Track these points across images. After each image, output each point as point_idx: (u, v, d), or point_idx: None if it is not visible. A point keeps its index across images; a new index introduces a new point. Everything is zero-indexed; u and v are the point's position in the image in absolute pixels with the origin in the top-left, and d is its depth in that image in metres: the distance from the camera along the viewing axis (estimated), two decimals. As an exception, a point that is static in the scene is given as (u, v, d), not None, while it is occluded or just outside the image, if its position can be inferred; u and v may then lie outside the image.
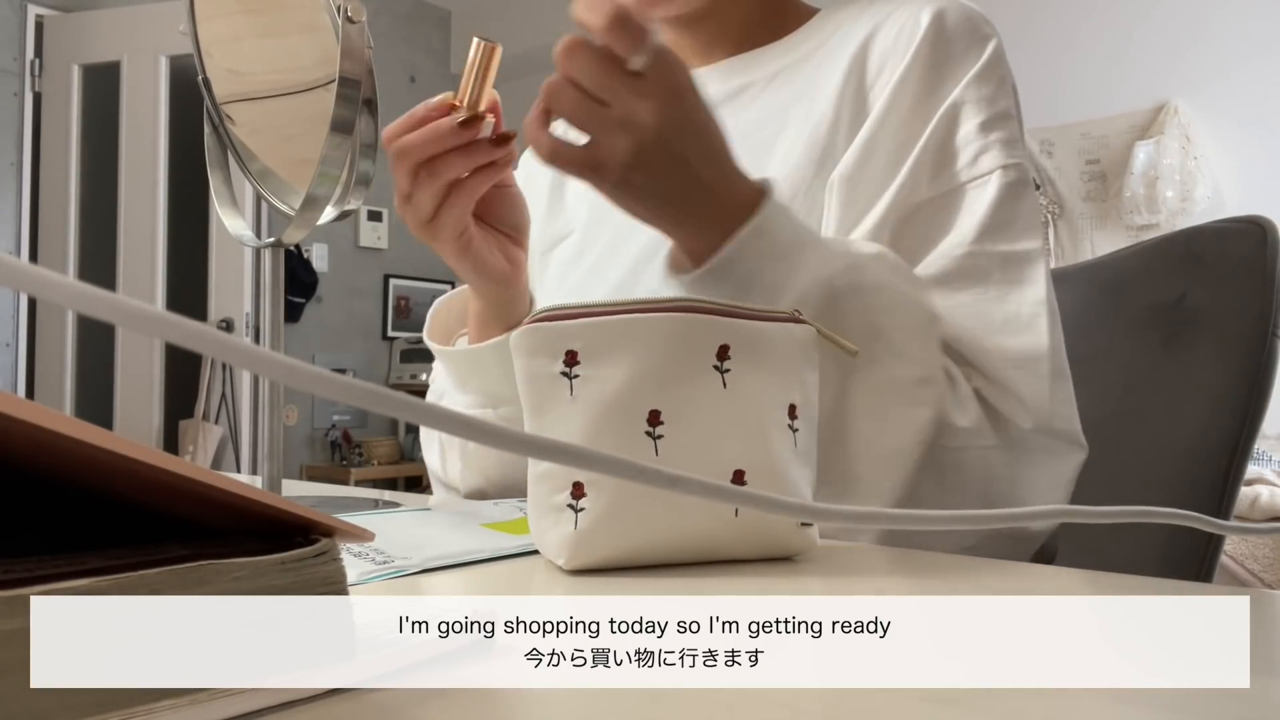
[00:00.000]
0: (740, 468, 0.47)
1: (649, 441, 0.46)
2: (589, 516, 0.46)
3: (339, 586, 0.27)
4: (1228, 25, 3.18)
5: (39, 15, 3.72)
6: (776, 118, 0.75)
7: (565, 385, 0.47)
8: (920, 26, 0.70)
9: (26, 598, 0.21)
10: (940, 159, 0.67)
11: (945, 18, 0.70)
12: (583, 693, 0.29)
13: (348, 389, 0.22)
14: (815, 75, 0.75)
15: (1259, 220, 0.79)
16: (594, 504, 0.46)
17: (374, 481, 4.39)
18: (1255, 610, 0.41)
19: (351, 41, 0.59)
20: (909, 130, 0.68)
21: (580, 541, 0.46)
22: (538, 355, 0.47)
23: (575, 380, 0.46)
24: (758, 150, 0.74)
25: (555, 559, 0.47)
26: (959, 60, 0.69)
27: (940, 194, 0.66)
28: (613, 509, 0.45)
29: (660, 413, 0.46)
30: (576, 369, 0.46)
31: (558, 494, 0.47)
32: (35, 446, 0.23)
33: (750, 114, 0.77)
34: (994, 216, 0.65)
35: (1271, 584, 2.26)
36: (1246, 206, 2.42)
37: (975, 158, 0.66)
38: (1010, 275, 0.64)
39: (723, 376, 0.47)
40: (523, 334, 0.48)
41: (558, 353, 0.47)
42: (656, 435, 0.46)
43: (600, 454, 0.27)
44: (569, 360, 0.47)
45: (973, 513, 0.37)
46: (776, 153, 0.73)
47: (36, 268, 0.18)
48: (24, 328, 3.67)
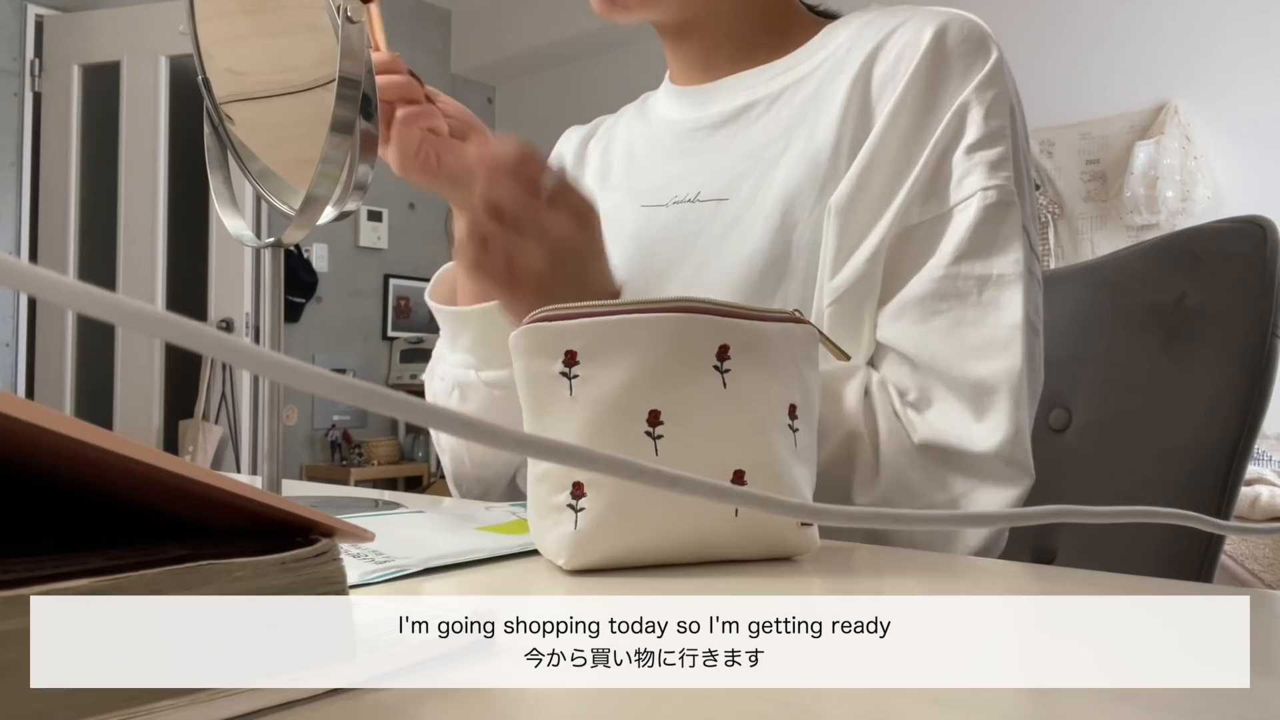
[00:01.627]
0: (740, 468, 0.47)
1: (649, 441, 0.46)
2: (589, 516, 0.45)
3: (339, 586, 0.27)
4: (1228, 25, 3.18)
5: (39, 15, 3.72)
6: (780, 138, 0.75)
7: (565, 385, 0.46)
8: (921, 46, 0.69)
9: (26, 598, 0.21)
10: (932, 184, 0.67)
11: (946, 35, 0.69)
12: (583, 693, 0.29)
13: (348, 389, 0.22)
14: (818, 94, 0.74)
15: (1259, 220, 0.79)
16: (594, 504, 0.46)
17: (374, 482, 4.39)
18: (1255, 610, 0.41)
19: (351, 41, 0.59)
20: (906, 154, 0.68)
21: (580, 541, 0.45)
22: (537, 355, 0.47)
23: (575, 380, 0.46)
24: (761, 170, 0.74)
25: (555, 559, 0.47)
26: (957, 80, 0.68)
27: (930, 219, 0.66)
28: (612, 509, 0.45)
29: (660, 413, 0.46)
30: (576, 369, 0.46)
31: (557, 494, 0.46)
32: (35, 446, 0.23)
33: (754, 133, 0.77)
34: (972, 239, 0.65)
35: (1271, 584, 2.26)
36: (1246, 206, 2.42)
37: (960, 180, 0.66)
38: (988, 298, 0.64)
39: (723, 376, 0.47)
40: (522, 334, 0.48)
41: (557, 353, 0.47)
42: (656, 435, 0.46)
43: (600, 454, 0.27)
44: (568, 360, 0.46)
45: (972, 513, 0.37)
46: (779, 172, 0.73)
47: (36, 268, 0.18)
48: (24, 328, 3.67)
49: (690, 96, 0.84)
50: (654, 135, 0.86)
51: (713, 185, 0.76)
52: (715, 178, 0.77)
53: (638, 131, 0.89)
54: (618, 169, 0.88)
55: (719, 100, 0.80)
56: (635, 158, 0.87)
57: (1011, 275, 0.64)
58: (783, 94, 0.77)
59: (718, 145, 0.79)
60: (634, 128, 0.90)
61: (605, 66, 4.73)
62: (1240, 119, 3.17)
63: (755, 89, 0.79)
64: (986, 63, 0.69)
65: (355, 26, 0.59)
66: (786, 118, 0.75)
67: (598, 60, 4.78)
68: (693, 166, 0.79)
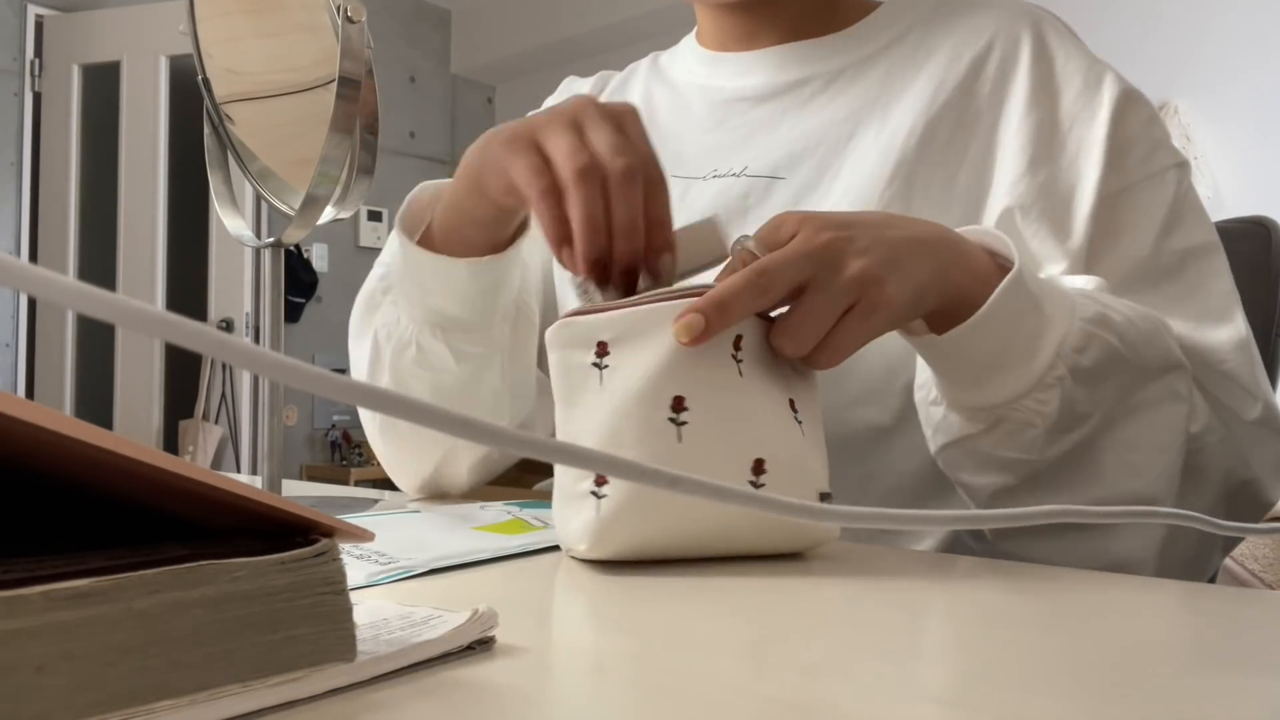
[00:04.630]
0: (761, 456, 0.47)
1: (672, 428, 0.46)
2: (611, 503, 0.46)
3: (339, 586, 0.27)
4: (1228, 26, 3.18)
5: (39, 15, 3.72)
6: (846, 121, 0.73)
7: (595, 375, 0.48)
8: (1023, 43, 0.70)
9: (26, 598, 0.21)
10: (1113, 155, 0.66)
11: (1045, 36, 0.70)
12: (583, 692, 0.29)
13: (348, 389, 0.22)
14: (887, 82, 0.73)
15: (1264, 221, 0.79)
16: (616, 490, 0.46)
17: (374, 481, 4.39)
18: (1255, 610, 0.41)
19: (351, 41, 0.59)
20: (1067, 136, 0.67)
21: (602, 528, 0.46)
22: (572, 347, 0.48)
23: (604, 370, 0.47)
24: (824, 152, 0.72)
25: (577, 545, 0.47)
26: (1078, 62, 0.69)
27: (1117, 190, 0.65)
28: (635, 496, 0.46)
29: (684, 399, 0.46)
30: (606, 359, 0.47)
31: (582, 480, 0.47)
32: (35, 446, 0.23)
33: (813, 114, 0.74)
34: (1172, 213, 0.64)
35: (1271, 584, 2.26)
36: (1246, 206, 2.42)
37: (1149, 154, 0.66)
38: (1195, 269, 0.64)
39: (738, 365, 0.47)
40: (558, 328, 0.49)
41: (590, 344, 0.48)
42: (680, 421, 0.46)
43: (596, 453, 0.27)
44: (600, 351, 0.48)
45: (972, 513, 0.37)
46: (848, 158, 0.71)
47: (36, 268, 0.18)
48: (24, 328, 3.67)
49: (726, 64, 0.81)
50: (682, 101, 0.83)
51: (761, 161, 0.74)
52: (765, 154, 0.74)
53: (659, 95, 0.85)
54: None
55: (761, 71, 0.78)
56: (658, 123, 0.82)
57: (1214, 244, 0.65)
58: (843, 74, 0.75)
59: (764, 120, 0.76)
60: (654, 90, 0.86)
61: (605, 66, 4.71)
62: (1240, 119, 3.17)
63: (808, 64, 0.76)
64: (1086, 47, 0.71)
65: (355, 26, 0.59)
66: (852, 101, 0.74)
67: (598, 60, 4.78)
68: (735, 139, 0.77)
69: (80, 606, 0.22)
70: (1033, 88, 0.69)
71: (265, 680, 0.25)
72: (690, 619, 0.39)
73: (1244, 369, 0.61)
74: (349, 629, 0.27)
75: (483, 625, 0.31)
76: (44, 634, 0.21)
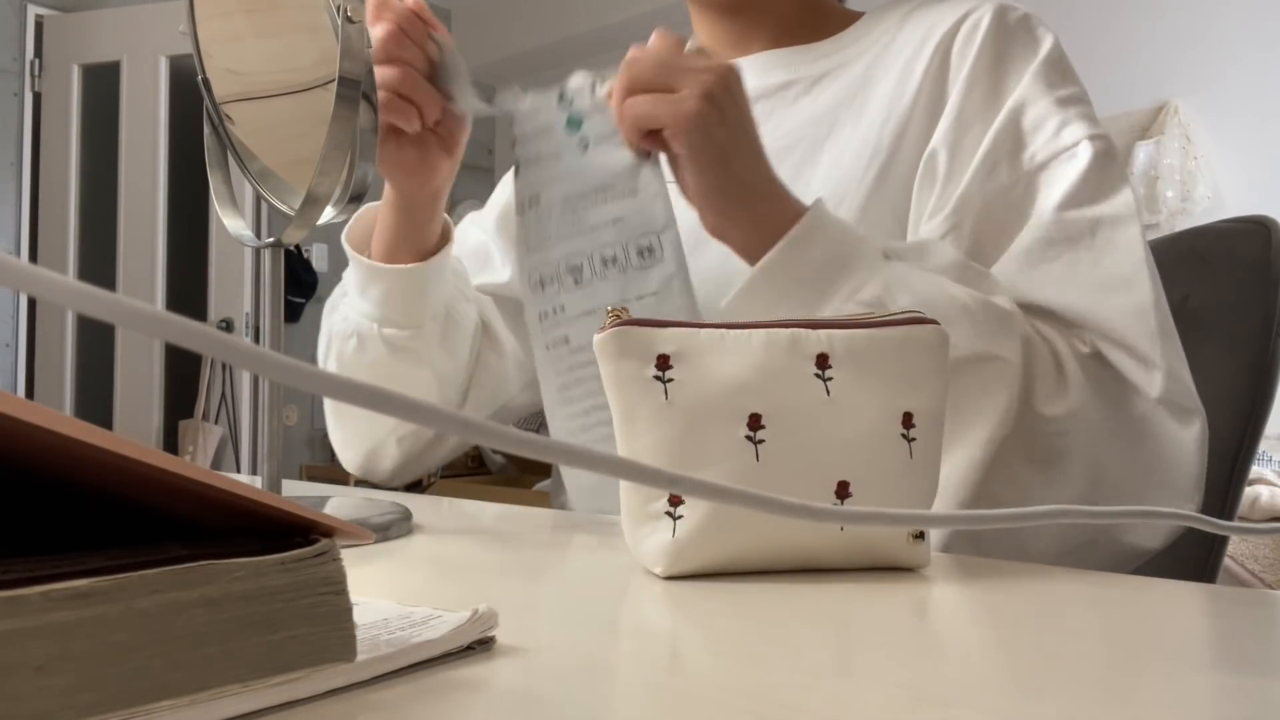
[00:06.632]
0: (844, 479, 0.45)
1: (749, 446, 0.44)
2: (687, 524, 0.44)
3: (339, 586, 0.27)
4: (1228, 25, 3.18)
5: (39, 15, 3.72)
6: (824, 120, 0.76)
7: (659, 389, 0.45)
8: (982, 26, 0.72)
9: (26, 598, 0.21)
10: (1017, 143, 0.68)
11: (1006, 16, 0.73)
12: (583, 692, 0.29)
13: (348, 389, 0.22)
14: (865, 80, 0.76)
15: (1264, 220, 0.79)
16: (693, 511, 0.44)
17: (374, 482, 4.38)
18: (1255, 610, 0.41)
19: (351, 41, 0.59)
20: (983, 121, 0.69)
21: (679, 549, 0.44)
22: (627, 358, 0.46)
23: (670, 384, 0.45)
24: (803, 151, 0.75)
25: (652, 566, 0.45)
26: (1022, 54, 0.71)
27: (1025, 172, 0.67)
28: (712, 517, 0.44)
29: (761, 416, 0.44)
30: (670, 372, 0.45)
31: (654, 501, 0.45)
32: (35, 446, 0.23)
33: (795, 114, 0.78)
34: (1083, 182, 0.65)
35: (1271, 584, 2.26)
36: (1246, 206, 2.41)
37: (1058, 131, 0.67)
38: (1104, 237, 0.64)
39: (825, 385, 0.45)
40: (610, 337, 0.46)
41: (649, 357, 0.45)
42: (758, 440, 0.44)
43: (597, 453, 0.27)
44: (661, 364, 0.45)
45: (971, 513, 0.37)
46: (825, 155, 0.74)
47: (36, 268, 0.18)
48: (24, 328, 3.67)
49: None
50: None
51: None
52: None
53: None
54: None
55: (749, 74, 0.80)
56: None
57: (1127, 215, 0.65)
58: (824, 77, 0.79)
59: None
60: None
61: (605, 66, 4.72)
62: (1240, 119, 3.16)
63: (794, 68, 0.80)
64: (1049, 36, 0.73)
65: (355, 26, 0.59)
66: (829, 101, 0.77)
67: (598, 60, 4.78)
68: None
69: (80, 606, 0.22)
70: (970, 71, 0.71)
71: (265, 680, 0.25)
72: (689, 619, 0.39)
73: (1140, 337, 0.61)
74: (349, 629, 0.27)
75: (483, 625, 0.31)
76: (44, 634, 0.21)
